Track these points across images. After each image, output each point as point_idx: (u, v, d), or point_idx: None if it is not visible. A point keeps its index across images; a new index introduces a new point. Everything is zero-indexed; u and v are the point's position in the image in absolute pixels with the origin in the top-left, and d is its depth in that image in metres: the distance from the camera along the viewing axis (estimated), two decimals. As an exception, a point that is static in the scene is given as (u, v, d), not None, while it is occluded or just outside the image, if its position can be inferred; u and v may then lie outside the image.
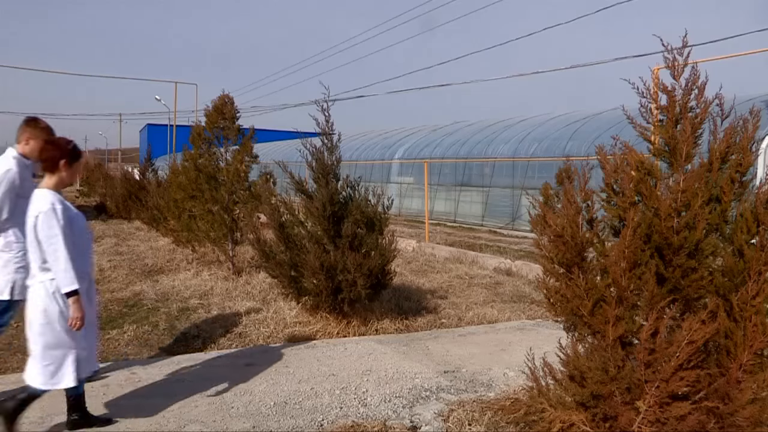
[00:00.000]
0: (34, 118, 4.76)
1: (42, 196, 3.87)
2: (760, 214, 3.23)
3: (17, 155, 4.63)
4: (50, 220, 3.78)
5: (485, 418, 4.29)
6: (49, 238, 3.77)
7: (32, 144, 4.60)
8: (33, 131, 4.64)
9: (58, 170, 3.97)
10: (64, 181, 4.03)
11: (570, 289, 3.49)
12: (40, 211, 3.79)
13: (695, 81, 3.43)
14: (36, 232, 3.80)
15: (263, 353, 5.88)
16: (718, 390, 3.17)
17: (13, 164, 4.57)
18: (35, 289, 3.89)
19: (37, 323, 3.85)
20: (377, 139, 31.53)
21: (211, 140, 9.99)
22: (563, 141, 19.79)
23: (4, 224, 4.55)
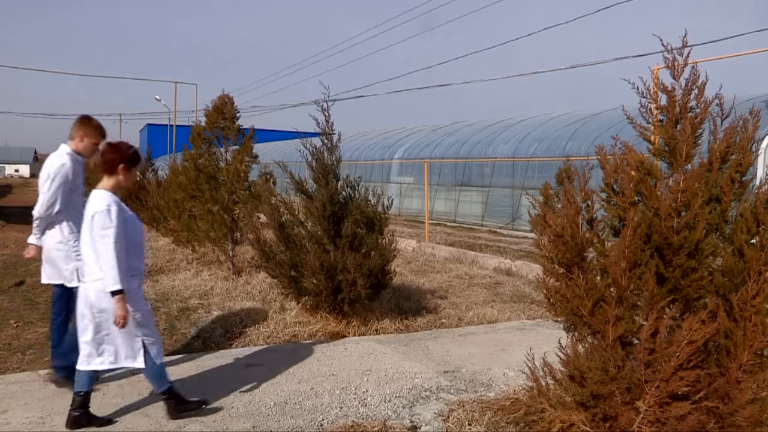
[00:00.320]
0: (87, 116, 5.02)
1: (100, 197, 4.05)
2: (760, 214, 3.23)
3: (71, 151, 4.87)
4: (105, 221, 3.95)
5: (485, 418, 4.29)
6: (101, 237, 3.95)
7: (86, 141, 4.88)
8: (87, 129, 4.90)
9: (116, 173, 4.17)
10: (120, 183, 4.22)
11: (570, 289, 3.49)
12: (96, 211, 3.97)
13: (695, 81, 3.43)
14: (91, 230, 3.99)
15: (263, 353, 5.89)
16: (718, 390, 3.17)
17: (67, 159, 4.81)
18: (94, 286, 4.05)
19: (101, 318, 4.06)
20: (377, 139, 31.54)
21: (211, 140, 9.98)
22: (563, 141, 19.79)
23: (57, 217, 4.80)
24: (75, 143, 4.90)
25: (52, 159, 4.87)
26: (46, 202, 4.75)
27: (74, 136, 4.91)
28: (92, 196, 4.11)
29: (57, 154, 4.89)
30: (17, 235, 16.50)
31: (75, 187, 4.89)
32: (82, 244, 4.12)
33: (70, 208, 4.84)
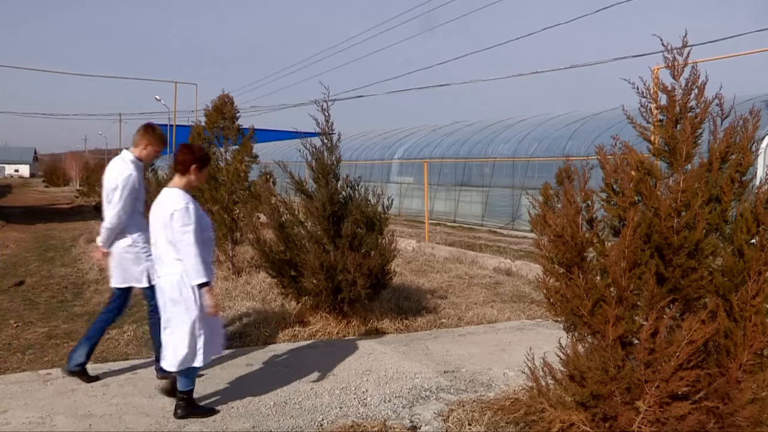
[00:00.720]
0: (152, 125, 5.21)
1: (176, 195, 4.24)
2: (760, 214, 3.23)
3: (134, 158, 5.04)
4: (184, 218, 4.14)
5: (485, 418, 4.29)
6: (183, 234, 4.13)
7: (149, 149, 5.07)
8: (151, 137, 5.07)
9: (189, 173, 4.35)
10: (192, 183, 4.41)
11: (570, 289, 3.49)
12: (176, 209, 4.15)
13: (695, 81, 3.43)
14: (171, 228, 4.15)
15: (263, 353, 5.88)
16: (718, 390, 3.17)
17: (133, 168, 4.96)
18: (168, 280, 4.25)
19: (182, 310, 4.22)
20: (377, 139, 31.54)
21: (210, 140, 9.98)
22: (563, 141, 19.79)
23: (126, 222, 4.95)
24: (139, 150, 5.06)
25: (117, 168, 4.98)
26: (118, 213, 4.87)
27: (138, 143, 5.05)
28: (166, 194, 4.29)
29: (121, 161, 5.01)
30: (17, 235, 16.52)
31: (139, 195, 5.04)
32: (157, 241, 4.29)
33: (135, 213, 5.01)
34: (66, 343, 6.23)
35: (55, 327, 6.92)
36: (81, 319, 7.25)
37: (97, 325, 5.15)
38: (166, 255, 4.26)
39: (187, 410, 4.32)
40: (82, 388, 4.81)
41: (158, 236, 4.28)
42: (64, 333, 6.66)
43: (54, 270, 10.93)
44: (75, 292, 8.95)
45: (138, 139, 5.07)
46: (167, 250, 4.24)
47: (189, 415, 4.30)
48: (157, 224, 4.27)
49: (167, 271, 4.26)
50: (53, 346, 6.15)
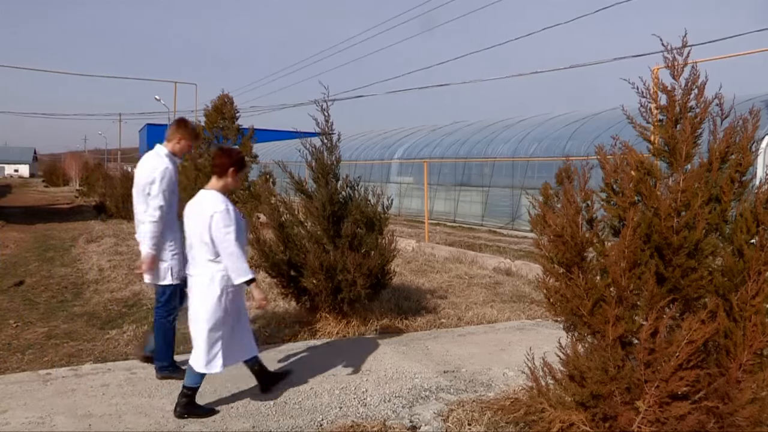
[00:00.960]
0: (184, 119, 5.32)
1: (214, 197, 4.35)
2: (760, 214, 3.23)
3: (168, 153, 5.10)
4: (225, 219, 4.24)
5: (485, 418, 4.29)
6: (224, 235, 4.22)
7: (182, 143, 5.18)
8: (184, 132, 5.15)
9: (226, 176, 4.45)
10: (228, 186, 4.50)
11: (570, 288, 3.50)
12: (216, 211, 4.25)
13: (695, 81, 3.43)
14: (210, 229, 4.24)
15: (263, 353, 5.87)
16: (718, 390, 3.18)
17: (168, 162, 5.02)
18: (204, 279, 4.34)
19: (205, 311, 4.30)
20: (377, 139, 31.54)
21: (210, 140, 10.01)
22: (563, 141, 19.79)
23: None
24: (172, 145, 5.12)
25: (152, 162, 5.01)
26: (159, 206, 4.89)
27: (171, 138, 5.12)
28: (204, 196, 4.40)
29: (156, 156, 5.06)
30: (17, 235, 16.51)
31: (175, 189, 5.07)
32: (193, 242, 4.38)
33: (171, 209, 5.04)
34: (66, 343, 6.23)
35: (54, 327, 6.92)
36: (81, 319, 7.25)
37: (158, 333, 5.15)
38: (199, 256, 4.35)
39: (187, 409, 4.33)
40: (82, 388, 4.81)
41: (194, 238, 4.37)
42: (63, 333, 6.66)
43: (54, 270, 10.93)
44: (75, 292, 8.95)
45: (171, 134, 5.14)
46: (201, 251, 4.33)
47: (189, 415, 4.31)
48: (193, 225, 4.36)
49: (199, 272, 4.37)
50: (53, 346, 6.15)
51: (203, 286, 4.32)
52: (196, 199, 4.44)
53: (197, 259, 4.37)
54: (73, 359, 5.75)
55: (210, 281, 4.31)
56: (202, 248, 4.31)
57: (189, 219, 4.42)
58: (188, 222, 4.43)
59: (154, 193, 4.90)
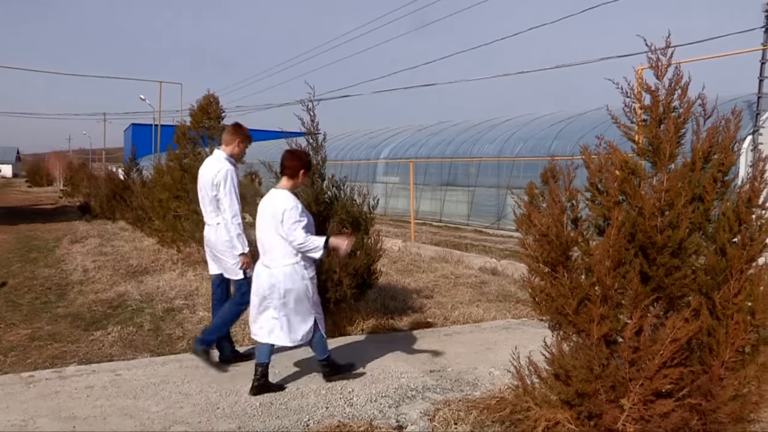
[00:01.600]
0: (239, 124, 5.64)
1: (286, 196, 4.77)
2: (742, 213, 3.26)
3: (227, 156, 5.42)
4: (296, 215, 4.68)
5: (471, 417, 4.30)
6: (294, 229, 4.66)
7: (240, 147, 5.49)
8: (242, 135, 5.51)
9: (297, 177, 4.90)
10: (297, 185, 4.97)
11: (555, 288, 3.51)
12: (286, 208, 4.68)
13: (678, 81, 3.46)
14: (282, 224, 4.66)
15: (248, 354, 5.86)
16: (701, 387, 3.20)
17: (229, 164, 5.34)
18: (282, 270, 4.75)
19: (285, 294, 4.74)
20: (363, 139, 31.52)
21: (196, 140, 9.95)
22: (548, 141, 19.87)
23: None
24: (231, 148, 5.45)
25: (215, 165, 5.33)
26: (234, 205, 5.25)
27: (230, 142, 5.45)
28: (276, 195, 4.82)
29: (216, 160, 5.39)
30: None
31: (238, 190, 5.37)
32: (266, 236, 4.80)
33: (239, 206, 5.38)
34: (49, 345, 6.19)
35: (38, 329, 6.87)
36: (65, 321, 7.20)
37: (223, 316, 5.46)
38: (277, 249, 4.75)
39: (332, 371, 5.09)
40: (66, 390, 4.77)
41: (267, 232, 4.77)
42: (47, 335, 6.61)
43: (37, 271, 10.84)
44: (59, 294, 8.88)
45: (230, 138, 5.45)
46: (279, 244, 4.74)
47: (334, 375, 5.06)
48: (267, 221, 4.78)
49: (281, 263, 4.76)
50: (36, 348, 6.10)
51: (288, 276, 4.74)
52: (269, 199, 4.86)
53: (275, 252, 4.77)
54: (57, 361, 5.71)
55: (293, 272, 4.75)
56: (278, 242, 4.73)
57: (261, 216, 4.85)
58: (261, 219, 4.85)
59: (224, 195, 5.23)
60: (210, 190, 5.31)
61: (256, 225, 4.91)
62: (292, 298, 4.76)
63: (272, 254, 4.78)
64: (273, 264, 4.78)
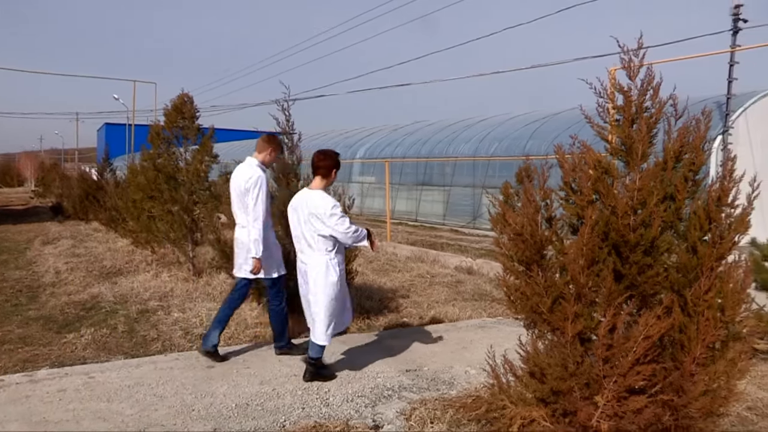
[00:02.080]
0: (273, 134, 6.04)
1: (323, 195, 5.00)
2: (712, 212, 3.31)
3: (259, 163, 5.72)
4: (339, 211, 4.91)
5: (447, 416, 4.32)
6: (339, 225, 4.89)
7: (272, 155, 5.85)
8: (276, 144, 5.86)
9: (329, 176, 5.13)
10: (329, 184, 5.20)
11: (529, 286, 3.54)
12: (328, 206, 4.89)
13: (650, 82, 3.50)
14: (326, 221, 4.89)
15: (224, 354, 5.83)
16: (673, 383, 3.25)
17: (261, 171, 5.64)
18: (321, 268, 4.99)
19: (324, 294, 4.99)
20: (338, 139, 31.48)
21: (170, 140, 9.86)
22: (523, 140, 20.00)
23: None
24: (263, 156, 5.76)
25: (247, 172, 5.61)
26: (263, 211, 5.51)
27: (263, 149, 5.76)
28: (312, 195, 5.01)
29: (248, 167, 5.68)
30: (-31, 237, 16.10)
31: (269, 193, 5.73)
32: (303, 235, 5.05)
33: (269, 212, 5.72)
34: (20, 348, 6.10)
35: (8, 332, 6.77)
36: (36, 324, 7.11)
37: (225, 310, 5.77)
38: (314, 246, 4.99)
39: (314, 374, 5.11)
40: (37, 394, 4.71)
41: (303, 231, 5.02)
42: (18, 338, 6.52)
43: (7, 273, 10.69)
44: (30, 296, 8.76)
45: (263, 146, 5.75)
46: (315, 241, 4.98)
47: (315, 378, 5.10)
48: (304, 220, 5.00)
49: (315, 261, 5.00)
50: (6, 352, 6.01)
51: (321, 274, 4.97)
52: (303, 198, 5.07)
53: (311, 250, 5.01)
54: (28, 365, 5.63)
55: (326, 268, 4.97)
56: (317, 241, 4.96)
57: (296, 215, 5.09)
58: (296, 218, 5.10)
59: (253, 200, 5.50)
60: (242, 194, 5.59)
61: (292, 224, 5.16)
62: (326, 291, 4.99)
63: (309, 251, 5.03)
64: (309, 260, 5.04)
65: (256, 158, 5.74)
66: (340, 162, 5.26)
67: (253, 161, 5.72)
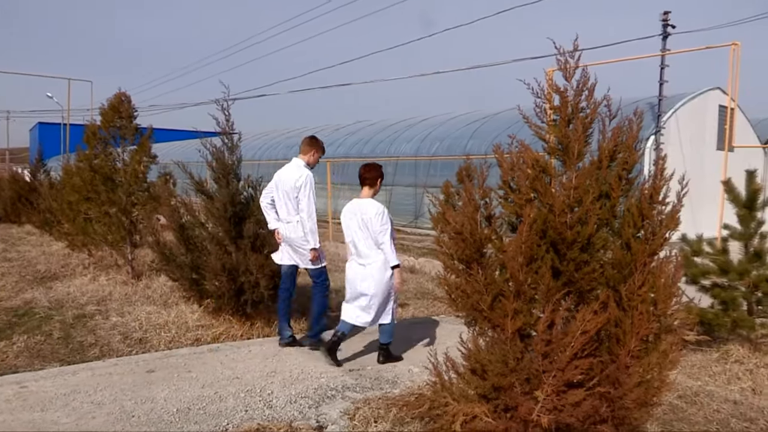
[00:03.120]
0: (316, 137, 6.44)
1: (374, 203, 5.63)
2: (645, 209, 3.41)
3: (305, 164, 6.21)
4: (384, 218, 5.57)
5: (390, 414, 4.34)
6: (383, 232, 5.56)
7: (316, 156, 6.33)
8: (317, 146, 6.34)
9: (376, 185, 5.75)
10: (376, 192, 5.79)
11: (470, 284, 3.58)
12: (377, 213, 5.55)
13: (585, 83, 3.58)
14: (373, 226, 5.55)
15: (165, 359, 5.73)
16: (610, 376, 3.33)
17: (308, 171, 6.15)
18: (374, 267, 5.59)
19: (376, 287, 5.58)
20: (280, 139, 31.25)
21: (107, 140, 9.64)
22: (464, 140, 20.20)
23: None
24: (308, 157, 6.25)
25: (296, 171, 6.09)
26: (311, 206, 5.97)
27: (307, 151, 6.25)
28: (364, 203, 5.63)
29: (296, 167, 6.16)
30: None
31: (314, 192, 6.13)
32: (358, 238, 5.64)
33: None
34: (-50, 356, 5.86)
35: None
36: (-34, 330, 6.84)
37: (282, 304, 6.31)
38: (368, 248, 5.60)
39: (387, 358, 5.82)
40: (-31, 403, 4.54)
41: (359, 234, 5.61)
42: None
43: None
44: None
45: (307, 148, 6.24)
46: (369, 244, 5.59)
47: (387, 361, 5.79)
48: (358, 225, 5.60)
49: (372, 261, 5.60)
50: (-65, 360, 5.77)
51: (380, 270, 5.56)
52: (357, 206, 5.65)
53: (367, 251, 5.61)
54: (-42, 373, 5.42)
55: (383, 265, 5.56)
56: (369, 242, 5.59)
57: (351, 221, 5.66)
58: (351, 223, 5.66)
59: (303, 197, 5.98)
60: (292, 192, 6.02)
61: (347, 229, 5.70)
62: (380, 289, 5.57)
63: (366, 253, 5.59)
64: (366, 262, 5.60)
65: (302, 159, 6.21)
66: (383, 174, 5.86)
67: (300, 162, 6.18)
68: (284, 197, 6.09)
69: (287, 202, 6.08)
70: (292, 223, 6.05)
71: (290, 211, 6.07)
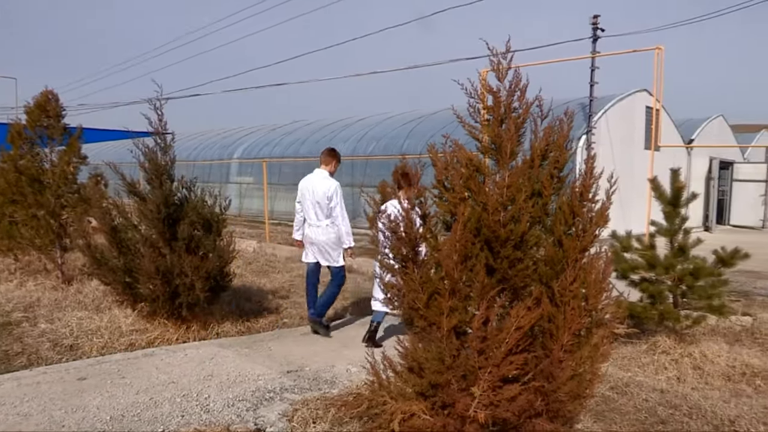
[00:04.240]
0: (334, 149, 7.14)
1: None
2: (576, 207, 3.50)
3: (328, 174, 6.89)
4: None
5: (329, 415, 4.34)
6: None
7: (336, 166, 7.02)
8: (337, 158, 7.04)
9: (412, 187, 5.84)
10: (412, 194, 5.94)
11: (406, 283, 3.61)
12: None
13: (518, 83, 3.65)
14: None
15: (97, 365, 5.59)
16: (544, 370, 3.40)
17: (334, 180, 6.86)
18: None
19: None
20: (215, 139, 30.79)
21: (33, 140, 9.33)
22: (401, 140, 20.30)
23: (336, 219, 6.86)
24: (330, 168, 6.94)
25: (326, 182, 6.79)
26: (344, 212, 6.78)
27: (328, 162, 6.95)
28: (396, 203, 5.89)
29: (324, 177, 6.84)
30: None
31: None
32: None
33: None
34: None
35: None
36: None
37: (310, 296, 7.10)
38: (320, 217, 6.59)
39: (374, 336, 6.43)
40: None
41: None
42: None
43: None
44: None
45: (327, 159, 6.94)
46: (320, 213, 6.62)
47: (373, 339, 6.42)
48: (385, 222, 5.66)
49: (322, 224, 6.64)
50: None
51: None
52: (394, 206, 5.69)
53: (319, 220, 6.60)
54: None
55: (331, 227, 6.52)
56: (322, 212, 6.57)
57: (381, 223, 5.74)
58: None
59: (338, 205, 6.75)
60: (323, 200, 6.74)
61: None
62: None
63: None
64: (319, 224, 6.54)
65: (325, 169, 6.90)
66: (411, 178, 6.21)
67: (324, 172, 6.87)
68: (314, 205, 6.82)
69: (317, 209, 6.82)
70: (321, 227, 6.83)
71: (319, 216, 6.82)
